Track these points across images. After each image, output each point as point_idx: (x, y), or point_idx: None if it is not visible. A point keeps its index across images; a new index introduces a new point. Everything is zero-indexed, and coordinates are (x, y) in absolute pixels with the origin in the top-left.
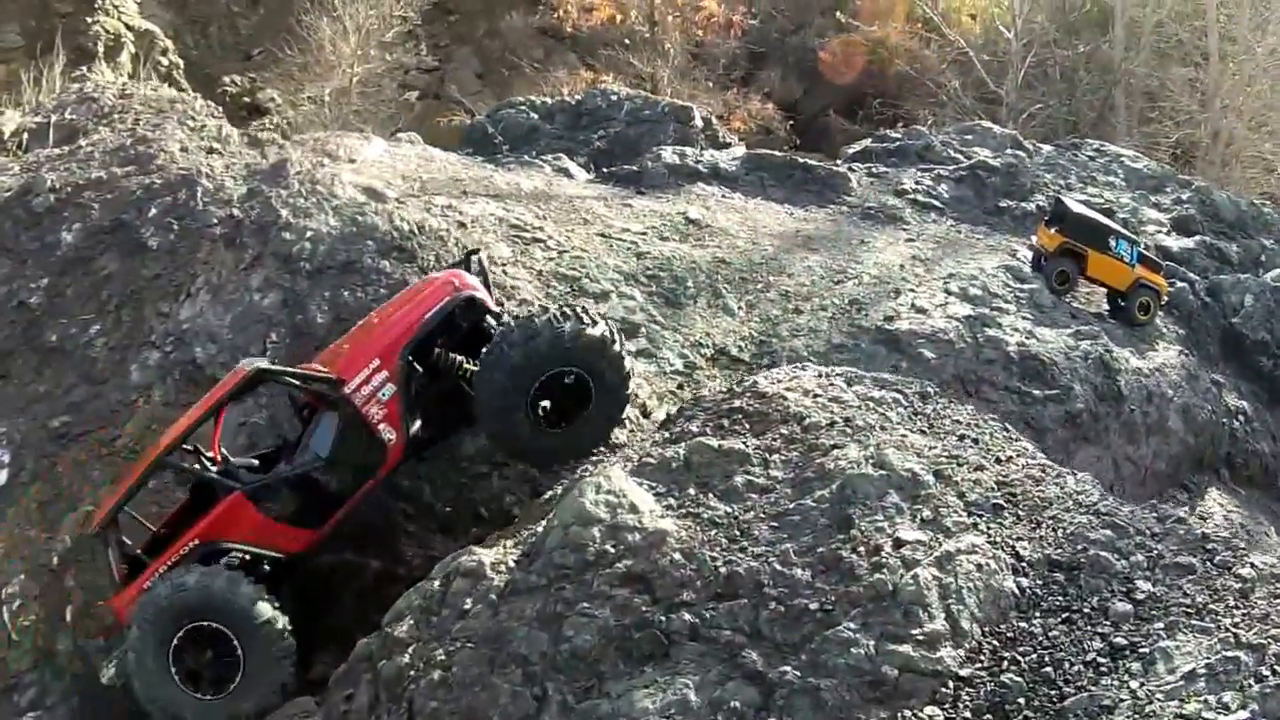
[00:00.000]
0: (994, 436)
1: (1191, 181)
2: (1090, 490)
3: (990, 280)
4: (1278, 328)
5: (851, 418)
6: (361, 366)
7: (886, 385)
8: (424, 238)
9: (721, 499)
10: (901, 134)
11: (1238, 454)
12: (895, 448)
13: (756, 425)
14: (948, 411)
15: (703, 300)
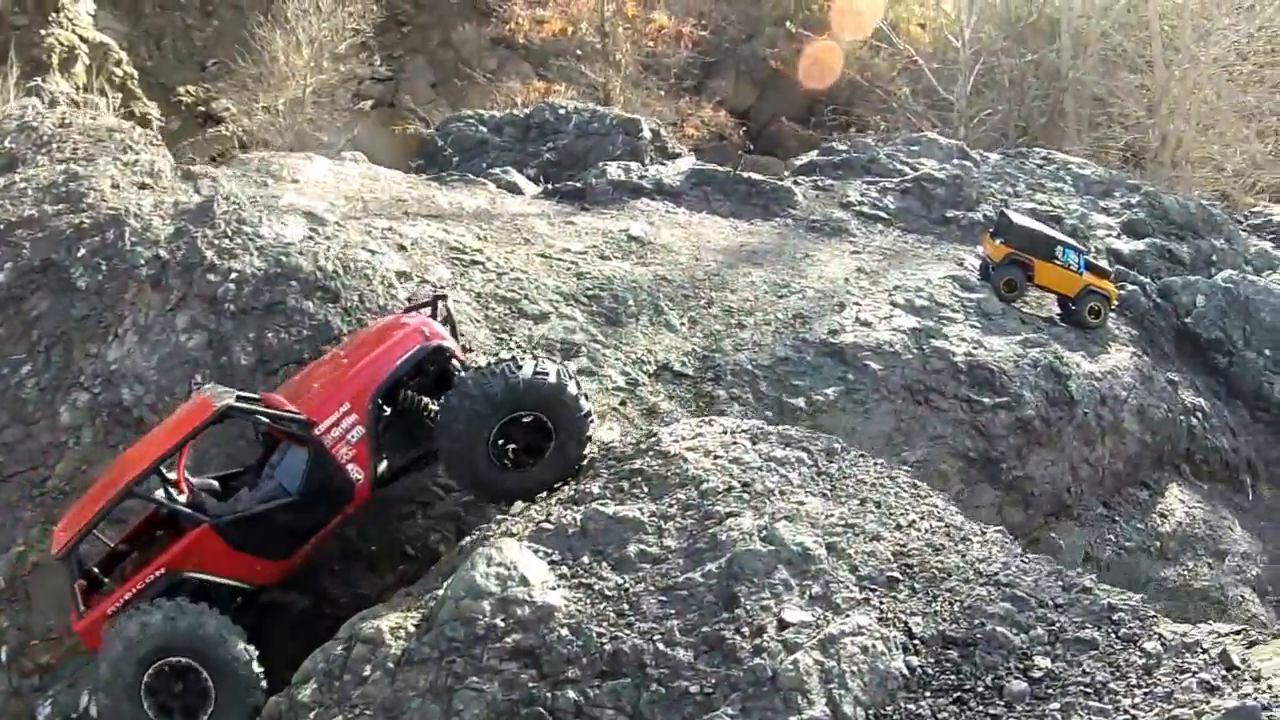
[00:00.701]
0: (899, 496)
1: (1140, 185)
2: (993, 558)
3: (937, 290)
4: (1231, 326)
5: (751, 482)
6: (333, 409)
7: (792, 443)
8: (348, 277)
9: (615, 569)
10: (847, 147)
11: (1197, 450)
12: (788, 519)
13: (655, 488)
14: (854, 469)
15: (645, 318)
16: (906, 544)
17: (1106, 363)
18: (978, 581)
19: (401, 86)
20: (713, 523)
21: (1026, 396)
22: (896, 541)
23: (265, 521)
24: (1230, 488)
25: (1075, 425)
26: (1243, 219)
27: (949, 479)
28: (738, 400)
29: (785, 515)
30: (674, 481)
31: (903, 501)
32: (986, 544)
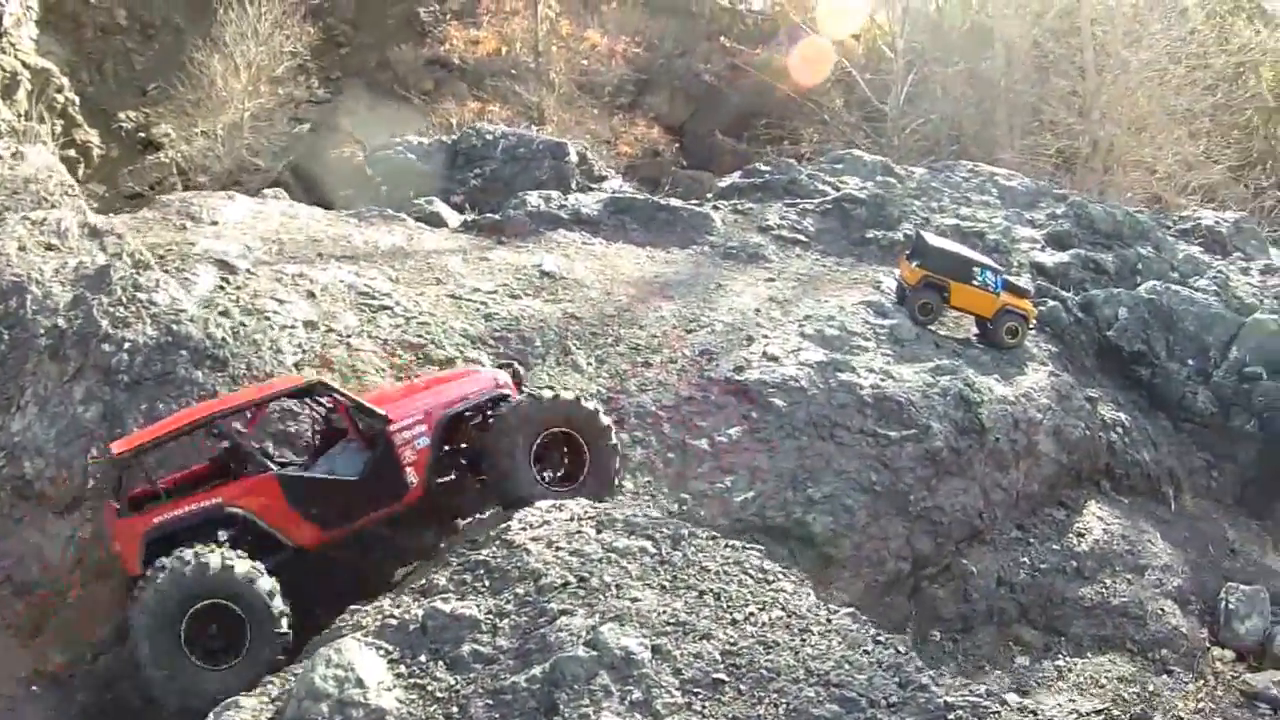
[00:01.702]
0: (743, 584)
1: (1067, 195)
2: (830, 652)
3: (849, 319)
4: (1154, 338)
5: (589, 576)
6: (408, 415)
7: (636, 530)
8: (236, 344)
9: (449, 669)
10: (770, 168)
11: (1118, 465)
12: (617, 619)
13: (496, 582)
14: (699, 556)
15: (551, 359)
16: (738, 641)
17: (1022, 385)
18: (807, 681)
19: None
20: (545, 621)
21: (935, 428)
22: (728, 640)
23: (324, 490)
24: (1152, 500)
25: (987, 452)
26: (1171, 224)
27: (855, 513)
28: (640, 444)
29: (615, 615)
30: (514, 575)
31: (745, 590)
32: (828, 634)
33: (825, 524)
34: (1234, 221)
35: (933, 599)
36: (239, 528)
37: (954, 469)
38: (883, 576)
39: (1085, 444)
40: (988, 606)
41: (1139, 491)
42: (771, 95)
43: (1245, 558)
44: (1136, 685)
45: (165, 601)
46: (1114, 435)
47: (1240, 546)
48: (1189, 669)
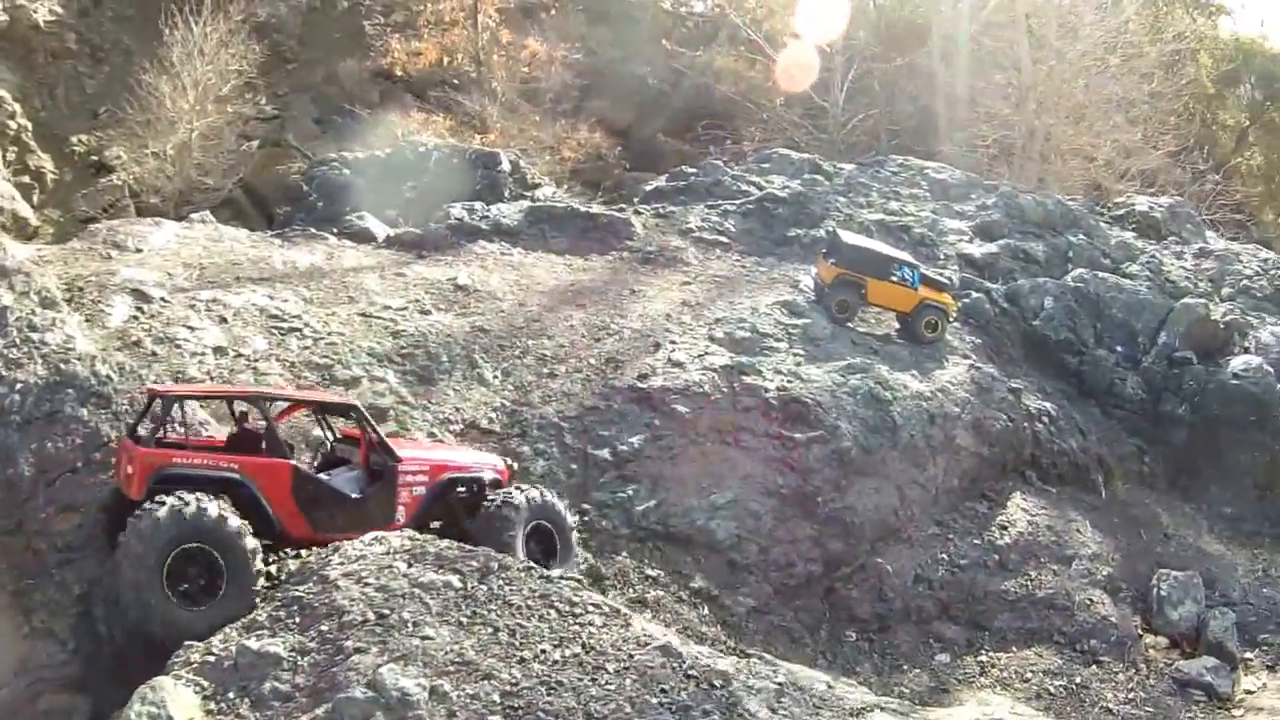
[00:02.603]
0: (545, 619)
1: (998, 186)
2: (617, 693)
3: (761, 320)
4: (1081, 325)
5: (388, 613)
6: (415, 463)
7: (446, 564)
8: (120, 381)
9: (253, 706)
10: (696, 170)
11: (1044, 455)
12: (402, 658)
13: (306, 619)
14: (505, 590)
15: (458, 373)
16: (520, 682)
17: (939, 379)
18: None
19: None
20: (341, 659)
21: (843, 427)
22: (511, 680)
23: (327, 496)
24: (1082, 488)
25: (900, 449)
26: (1105, 210)
27: (761, 517)
28: (543, 456)
29: (401, 654)
30: (322, 612)
31: (545, 626)
32: (623, 673)
33: (729, 530)
34: (1169, 206)
35: (847, 600)
36: (242, 499)
37: (865, 468)
38: (792, 580)
39: (1008, 435)
40: (905, 605)
41: (1067, 480)
42: (713, 96)
43: (1179, 542)
44: (1063, 678)
45: (159, 534)
46: (1039, 425)
47: (1174, 531)
48: (1120, 658)
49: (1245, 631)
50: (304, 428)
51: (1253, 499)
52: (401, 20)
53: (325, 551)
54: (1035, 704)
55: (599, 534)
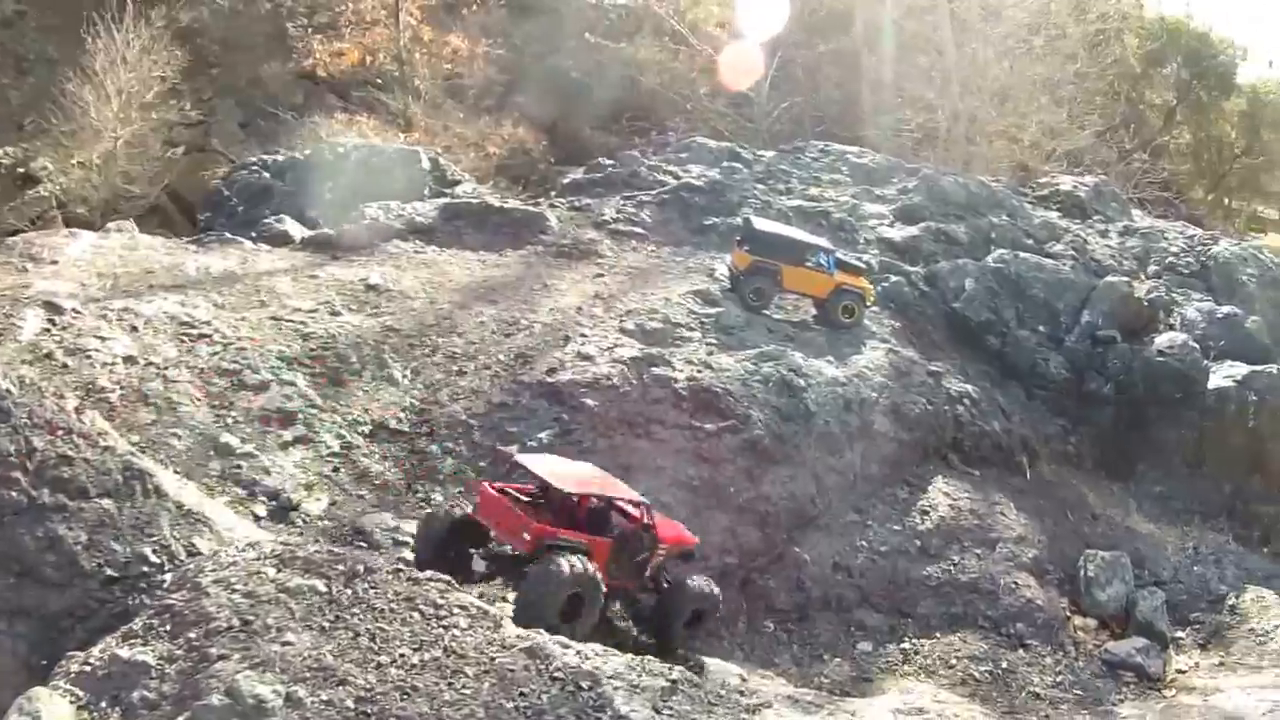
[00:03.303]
0: (407, 623)
1: (919, 169)
2: (474, 696)
3: (674, 310)
4: (1002, 306)
5: (252, 620)
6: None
7: (313, 569)
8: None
9: (123, 714)
10: (612, 161)
11: (966, 438)
12: (260, 666)
13: (177, 627)
14: (370, 594)
15: (368, 374)
16: (375, 687)
17: (856, 365)
18: None
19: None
20: (205, 666)
21: (754, 416)
22: (366, 685)
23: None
24: (1005, 470)
25: (815, 436)
26: (1029, 191)
27: (672, 510)
28: (451, 454)
29: (260, 661)
30: (191, 619)
31: (407, 629)
32: (482, 676)
33: None
34: (1094, 185)
35: (765, 590)
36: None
37: (779, 457)
38: (707, 572)
39: (928, 419)
40: (824, 594)
41: (991, 463)
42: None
43: (1107, 522)
44: (989, 663)
45: (558, 582)
46: (961, 408)
47: (1102, 511)
48: (1047, 641)
49: (1176, 611)
50: None
51: (1182, 477)
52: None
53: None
54: (960, 690)
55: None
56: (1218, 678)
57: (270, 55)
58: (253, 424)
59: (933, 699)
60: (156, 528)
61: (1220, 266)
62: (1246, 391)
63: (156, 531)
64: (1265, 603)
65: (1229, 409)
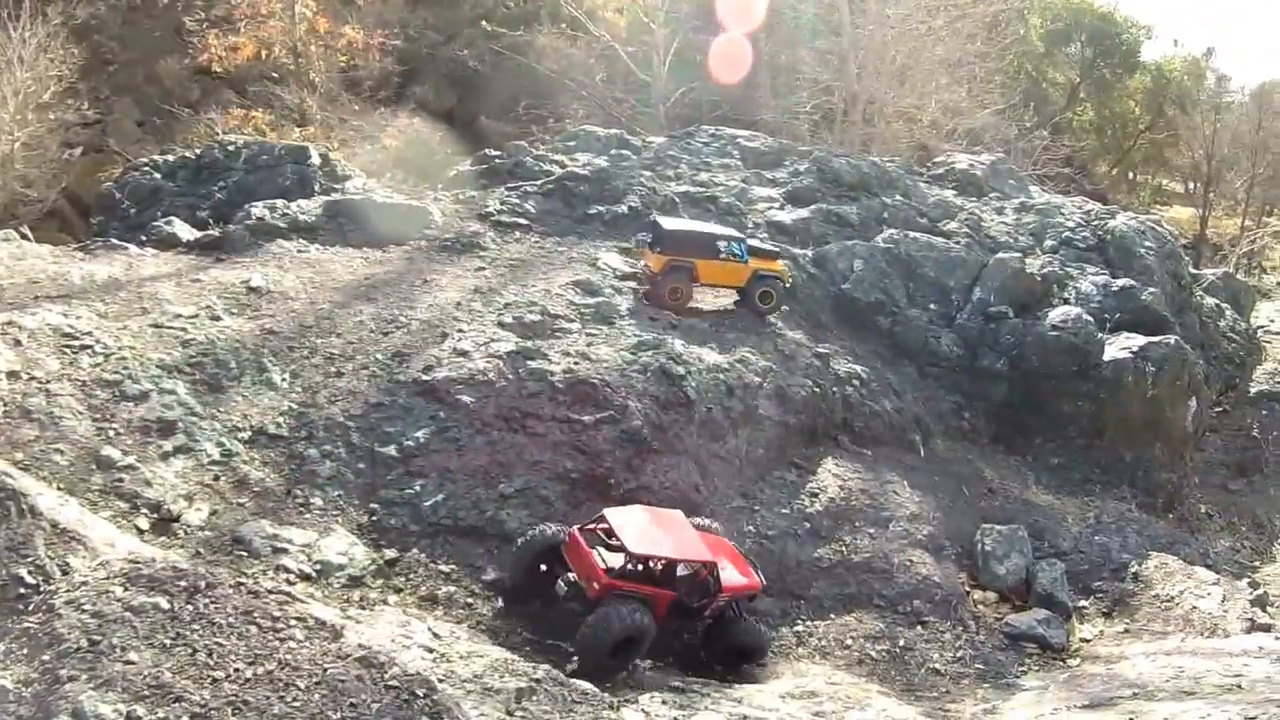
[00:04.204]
0: (245, 637)
1: (812, 151)
2: (301, 710)
3: (553, 301)
4: (892, 286)
5: (100, 639)
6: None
7: (157, 585)
8: None
9: None
10: (498, 152)
11: (856, 418)
12: (104, 686)
13: (32, 650)
14: (211, 609)
15: (247, 378)
16: (209, 703)
17: (739, 350)
18: None
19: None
20: (56, 688)
21: (632, 406)
22: (201, 701)
23: (676, 609)
24: (899, 449)
25: (697, 424)
26: (924, 171)
27: (552, 504)
28: (329, 457)
29: (104, 680)
30: (44, 641)
31: (244, 644)
32: (313, 689)
33: (520, 519)
34: (991, 163)
35: None
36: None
37: (659, 446)
38: None
39: (815, 402)
40: None
41: (883, 442)
42: (536, 76)
43: (1005, 496)
44: (886, 641)
45: (615, 627)
46: (850, 388)
47: (999, 485)
48: (946, 617)
49: (1079, 580)
50: None
51: (1081, 448)
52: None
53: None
54: (856, 670)
55: (388, 533)
56: (1123, 645)
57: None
58: (134, 435)
59: (826, 681)
60: (31, 548)
61: (1117, 240)
62: (1144, 362)
63: (31, 552)
64: (1169, 569)
65: (1126, 380)
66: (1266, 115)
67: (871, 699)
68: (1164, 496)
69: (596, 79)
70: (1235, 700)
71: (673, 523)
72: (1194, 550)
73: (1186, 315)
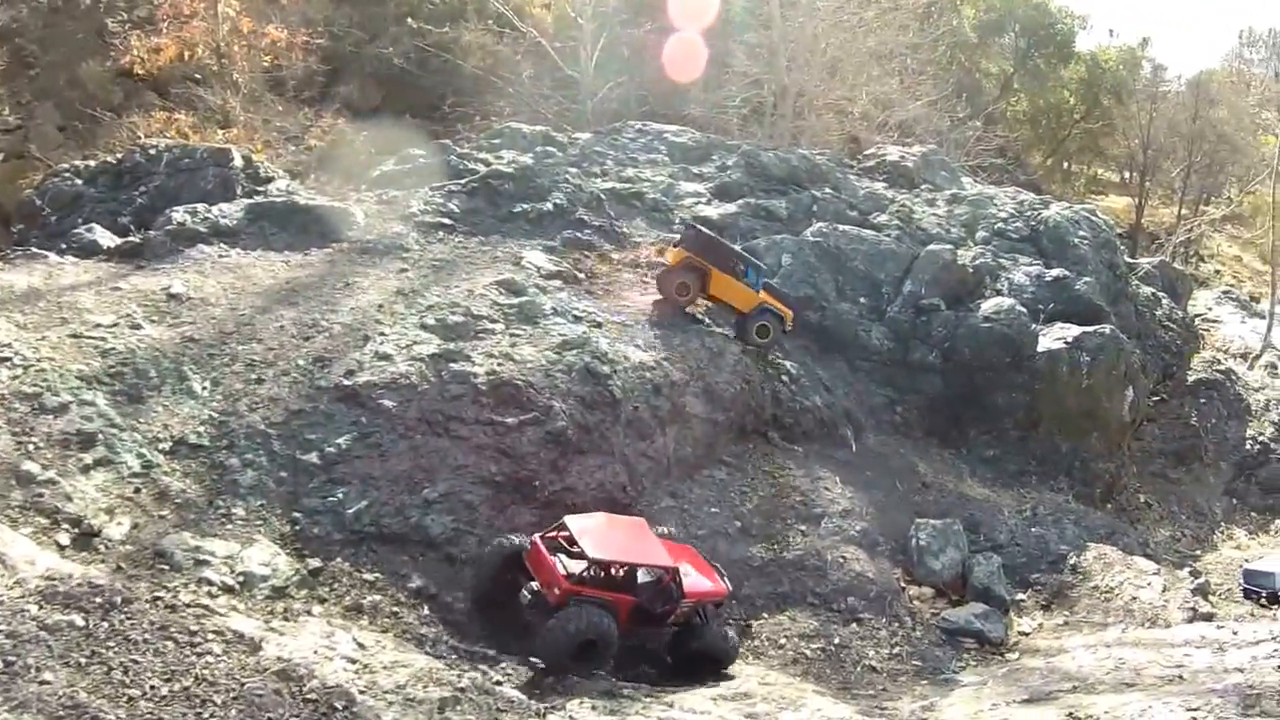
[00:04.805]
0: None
1: (740, 145)
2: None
3: (476, 302)
4: (821, 280)
5: (15, 660)
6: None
7: (72, 603)
8: None
9: None
10: (422, 152)
11: (785, 414)
12: (19, 708)
13: None
14: (127, 625)
15: (168, 388)
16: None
17: (665, 348)
18: None
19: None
20: None
21: (556, 407)
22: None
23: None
24: (830, 444)
25: (624, 423)
26: (855, 163)
27: (476, 508)
28: (251, 466)
29: (19, 703)
30: None
31: (160, 660)
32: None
33: (445, 524)
34: (922, 154)
35: None
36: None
37: (585, 446)
38: None
39: (744, 398)
40: None
41: (814, 438)
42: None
43: (939, 490)
44: (820, 639)
45: (573, 629)
46: (779, 384)
47: (933, 479)
48: (881, 614)
49: (1016, 573)
50: None
51: (1015, 440)
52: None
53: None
54: (791, 670)
55: (312, 542)
56: (1062, 637)
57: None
58: (54, 448)
59: (759, 681)
60: None
61: (1051, 230)
62: (1078, 352)
63: None
64: (1108, 559)
65: (1061, 370)
66: (1203, 104)
67: (806, 698)
68: (1102, 487)
69: (523, 76)
70: (1177, 692)
71: (634, 529)
72: (1133, 540)
73: (1122, 304)
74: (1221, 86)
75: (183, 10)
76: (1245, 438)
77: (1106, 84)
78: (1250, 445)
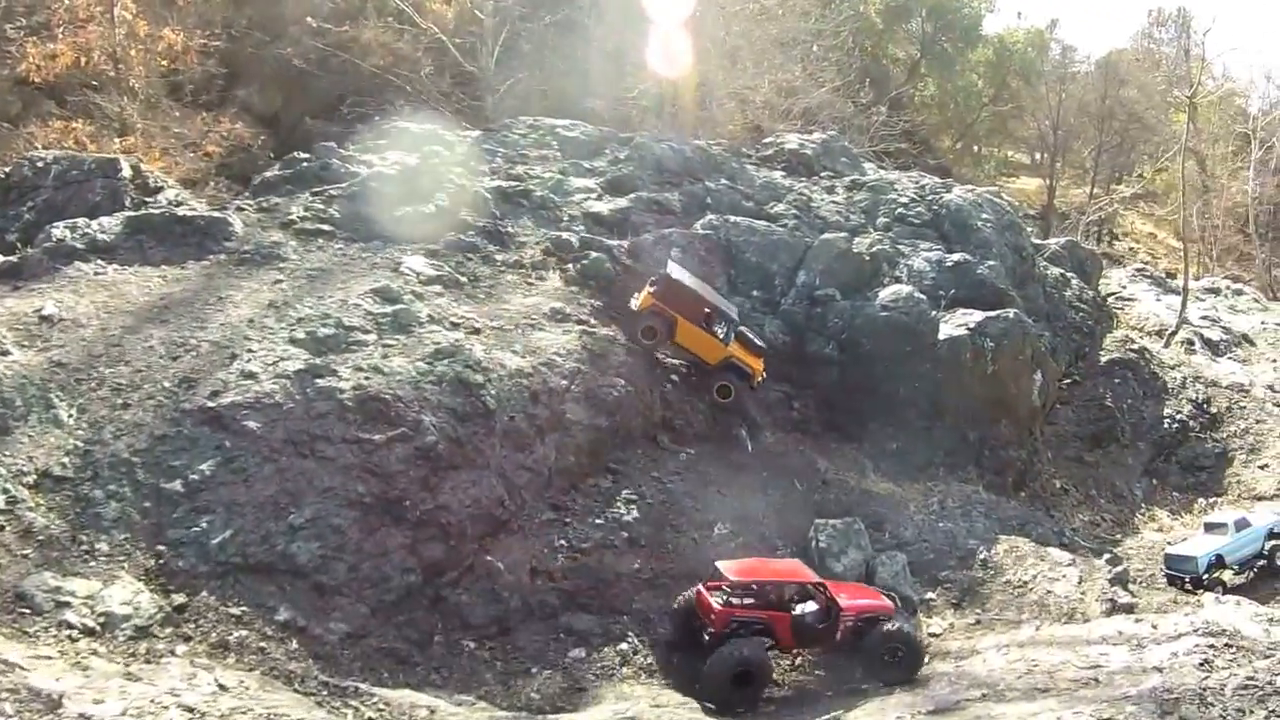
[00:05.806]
0: None
1: (633, 138)
2: None
3: (349, 313)
4: (712, 274)
5: None
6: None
7: None
8: None
9: None
10: (305, 156)
11: (676, 416)
12: None
13: None
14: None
15: (34, 417)
16: None
17: (544, 353)
18: None
19: None
20: None
21: (426, 420)
22: None
23: (800, 629)
24: (724, 445)
25: (499, 435)
26: (752, 153)
27: (344, 532)
28: (114, 498)
29: None
30: None
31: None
32: None
33: (312, 551)
34: (822, 141)
35: (458, 607)
36: (763, 631)
37: (457, 461)
38: (390, 594)
39: (629, 402)
40: (525, 602)
41: (707, 439)
42: (361, 72)
43: (841, 487)
44: None
45: (725, 663)
46: (668, 385)
47: (834, 476)
48: None
49: (924, 571)
50: None
51: (920, 431)
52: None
53: None
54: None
55: (177, 576)
56: (974, 638)
57: None
58: None
59: (650, 703)
60: None
61: (953, 214)
62: (982, 338)
63: None
64: (1020, 552)
65: (964, 357)
66: (1112, 84)
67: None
68: (1014, 475)
69: (423, 73)
70: (1090, 698)
71: (782, 563)
72: (1048, 529)
73: (1029, 287)
74: (1131, 66)
75: (79, 15)
76: (1163, 416)
77: (1014, 66)
78: (1168, 424)
